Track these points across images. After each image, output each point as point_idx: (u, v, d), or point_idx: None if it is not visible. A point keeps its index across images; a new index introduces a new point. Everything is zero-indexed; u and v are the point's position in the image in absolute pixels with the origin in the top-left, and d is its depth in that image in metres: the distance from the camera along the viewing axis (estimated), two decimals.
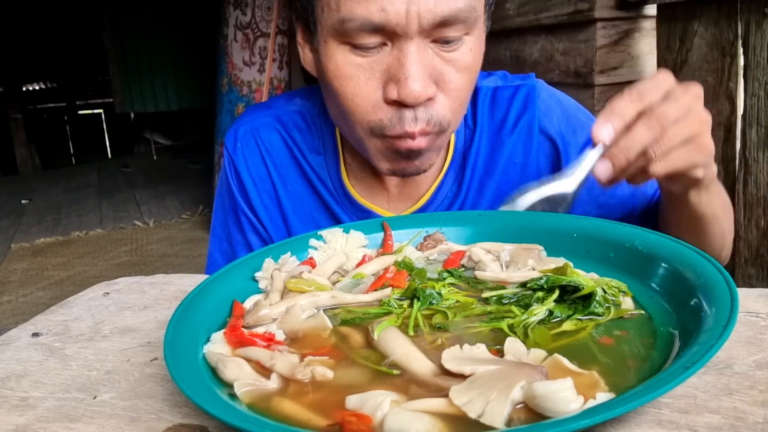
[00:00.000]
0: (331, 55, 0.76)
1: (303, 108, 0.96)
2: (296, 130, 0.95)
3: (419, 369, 0.50)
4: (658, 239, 0.64)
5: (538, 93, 0.94)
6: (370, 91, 0.76)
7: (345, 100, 0.78)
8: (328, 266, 0.70)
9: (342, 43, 0.75)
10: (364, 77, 0.76)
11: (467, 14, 0.73)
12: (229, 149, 0.96)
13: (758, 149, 1.58)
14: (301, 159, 0.94)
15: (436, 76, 0.75)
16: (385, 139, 0.78)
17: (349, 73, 0.76)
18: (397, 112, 0.76)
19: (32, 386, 0.58)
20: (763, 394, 0.46)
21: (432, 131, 0.77)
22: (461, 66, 0.76)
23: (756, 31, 1.53)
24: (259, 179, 0.95)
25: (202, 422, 0.49)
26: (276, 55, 3.85)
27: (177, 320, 0.57)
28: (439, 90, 0.76)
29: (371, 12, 0.70)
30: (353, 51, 0.75)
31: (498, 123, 0.94)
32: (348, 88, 0.77)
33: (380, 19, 0.71)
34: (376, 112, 0.77)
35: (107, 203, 5.52)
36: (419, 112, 0.75)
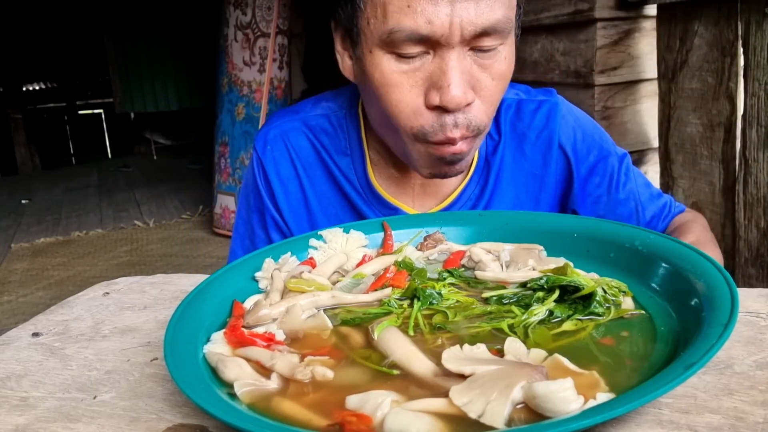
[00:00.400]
0: (376, 63, 0.80)
1: (329, 111, 1.00)
2: (323, 134, 0.98)
3: (419, 369, 0.50)
4: (658, 239, 0.64)
5: (559, 109, 0.99)
6: (413, 97, 0.79)
7: (390, 107, 0.81)
8: (328, 266, 0.70)
9: (387, 53, 0.79)
10: (408, 84, 0.79)
11: (504, 25, 0.77)
12: (258, 151, 0.99)
13: (758, 149, 1.58)
14: (328, 161, 0.98)
15: (473, 82, 0.79)
16: (428, 144, 0.82)
17: (394, 81, 0.79)
18: (438, 118, 0.79)
19: (32, 386, 0.58)
20: (763, 394, 0.46)
21: (470, 135, 0.81)
22: (496, 73, 0.80)
23: (756, 32, 1.53)
24: (287, 181, 0.99)
25: (202, 422, 0.49)
26: (276, 55, 3.84)
27: (177, 320, 0.57)
28: (476, 96, 0.80)
29: (418, 24, 0.74)
30: (398, 59, 0.78)
31: (520, 134, 0.98)
32: (393, 95, 0.80)
33: (427, 31, 0.74)
34: (418, 118, 0.80)
35: (107, 203, 5.51)
36: (459, 118, 0.79)
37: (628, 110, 2.06)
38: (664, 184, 1.91)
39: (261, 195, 0.99)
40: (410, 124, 0.81)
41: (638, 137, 2.09)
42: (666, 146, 1.87)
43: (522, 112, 0.98)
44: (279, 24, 3.81)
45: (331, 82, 4.79)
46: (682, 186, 1.84)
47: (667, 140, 1.86)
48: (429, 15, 0.74)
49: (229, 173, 4.01)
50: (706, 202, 1.77)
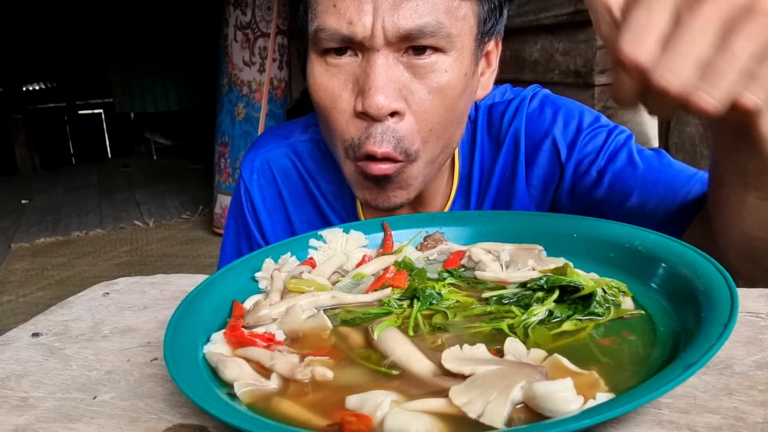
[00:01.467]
0: (311, 68, 0.79)
1: (318, 136, 0.97)
2: (311, 161, 0.97)
3: (419, 369, 0.50)
4: (658, 239, 0.64)
5: (528, 102, 0.93)
6: (343, 103, 0.77)
7: (324, 114, 0.79)
8: (328, 266, 0.70)
9: (319, 55, 0.78)
10: (338, 88, 0.77)
11: (434, 29, 0.73)
12: (245, 178, 0.98)
13: None
14: (315, 190, 0.96)
15: (406, 93, 0.75)
16: (356, 162, 0.79)
17: (324, 84, 0.78)
18: (366, 128, 0.76)
19: (32, 386, 0.58)
20: (763, 394, 0.46)
21: (398, 157, 0.77)
22: (433, 86, 0.75)
23: None
24: (273, 210, 0.98)
25: (202, 422, 0.49)
26: (276, 55, 3.85)
27: (177, 320, 0.57)
28: (408, 110, 0.76)
29: (340, 24, 0.73)
30: (326, 61, 0.77)
31: (494, 140, 0.94)
32: (326, 102, 0.78)
33: (348, 32, 0.73)
34: (350, 128, 0.78)
35: (107, 203, 5.52)
36: (386, 133, 0.75)
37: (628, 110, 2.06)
38: None
39: (248, 222, 0.98)
40: (344, 135, 0.78)
41: (638, 137, 2.09)
42: (666, 146, 1.87)
43: (493, 116, 0.95)
44: (279, 24, 3.81)
45: None
46: None
47: (667, 140, 1.86)
48: (351, 16, 0.72)
49: (229, 173, 4.01)
50: None
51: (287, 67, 3.96)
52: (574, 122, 0.91)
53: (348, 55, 0.76)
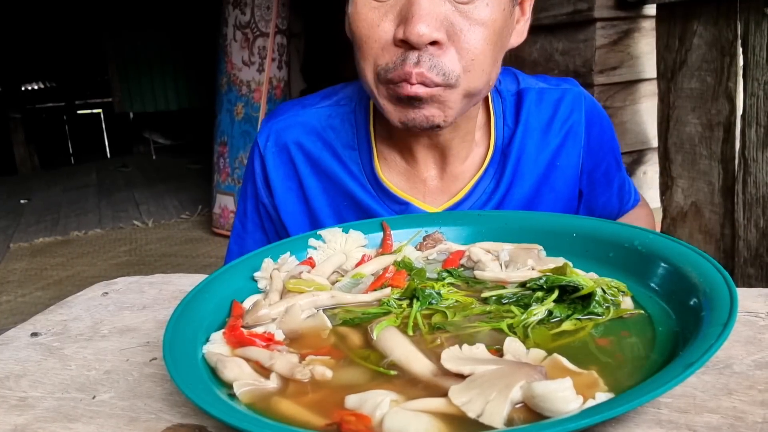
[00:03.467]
0: (353, 3, 0.80)
1: (337, 104, 0.98)
2: (330, 129, 0.97)
3: (418, 369, 0.50)
4: (657, 239, 0.64)
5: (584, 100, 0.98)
6: (381, 33, 0.78)
7: (359, 42, 0.80)
8: (328, 266, 0.70)
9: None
10: (378, 19, 0.78)
11: None
12: (260, 145, 0.99)
13: (757, 149, 1.58)
14: (333, 157, 0.96)
15: (447, 25, 0.77)
16: (388, 85, 0.80)
17: (364, 16, 0.79)
18: (403, 54, 0.77)
19: (31, 386, 0.58)
20: (762, 393, 0.46)
21: (435, 80, 0.77)
22: (475, 19, 0.77)
23: (755, 31, 1.53)
24: (286, 177, 0.98)
25: (201, 422, 0.49)
26: (275, 54, 3.84)
27: (176, 320, 0.57)
28: (450, 42, 0.77)
29: None
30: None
31: (543, 124, 0.96)
32: (363, 30, 0.79)
33: None
34: (384, 55, 0.79)
35: (106, 203, 5.51)
36: (423, 57, 0.76)
37: (627, 110, 2.06)
38: (664, 183, 1.91)
39: (257, 186, 0.99)
40: (377, 61, 0.79)
41: (637, 137, 2.10)
42: (665, 146, 1.87)
43: (545, 101, 0.96)
44: (278, 23, 3.81)
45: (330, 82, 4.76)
46: (681, 186, 1.84)
47: (667, 140, 1.86)
48: None
49: (228, 173, 4.01)
50: (705, 202, 1.77)
51: (286, 66, 3.96)
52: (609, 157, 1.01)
53: None
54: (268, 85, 3.86)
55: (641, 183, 2.16)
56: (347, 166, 0.95)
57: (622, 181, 1.05)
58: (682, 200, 1.84)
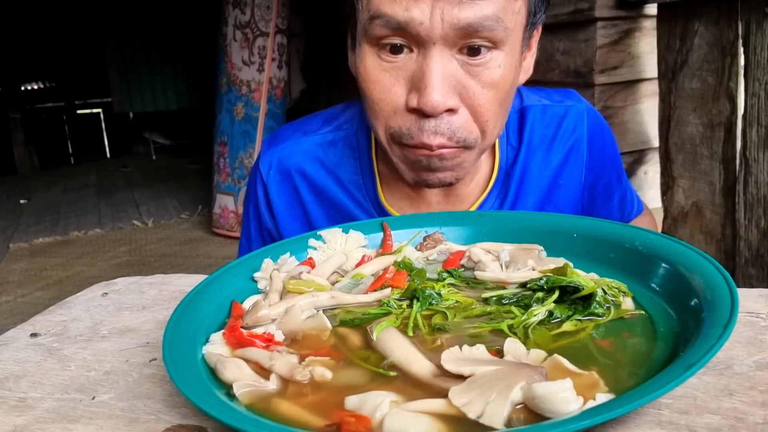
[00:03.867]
0: (363, 58, 0.79)
1: (339, 129, 0.97)
2: (332, 155, 0.96)
3: (418, 370, 0.50)
4: (658, 239, 0.64)
5: (588, 115, 0.97)
6: (394, 97, 0.77)
7: (371, 103, 0.80)
8: (328, 266, 0.70)
9: (372, 46, 0.77)
10: (389, 82, 0.77)
11: (493, 24, 0.73)
12: (262, 172, 0.97)
13: (758, 149, 1.58)
14: (336, 184, 0.95)
15: (459, 89, 0.76)
16: (403, 147, 0.80)
17: (375, 77, 0.78)
18: (417, 121, 0.76)
19: (31, 387, 0.58)
20: (763, 394, 0.46)
21: (454, 146, 0.78)
22: (486, 81, 0.76)
23: (756, 31, 1.53)
24: (290, 206, 0.97)
25: (200, 423, 0.49)
26: (275, 54, 3.84)
27: (176, 321, 0.57)
28: (462, 104, 0.77)
29: (396, 11, 0.73)
30: (381, 56, 0.77)
31: (547, 142, 0.95)
32: (374, 92, 0.79)
33: (404, 18, 0.72)
34: (397, 119, 0.78)
35: (106, 203, 5.51)
36: (440, 125, 0.76)
37: (628, 110, 2.06)
38: (665, 183, 1.91)
39: (261, 215, 0.98)
40: (389, 123, 0.79)
41: (638, 137, 2.09)
42: (666, 146, 1.87)
43: (548, 119, 0.95)
44: (278, 23, 3.81)
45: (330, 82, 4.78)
46: (682, 186, 1.84)
47: (668, 140, 1.86)
48: (408, 2, 0.72)
49: (228, 173, 4.01)
50: (706, 202, 1.77)
51: (286, 66, 3.96)
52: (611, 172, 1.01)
53: (404, 53, 0.76)
54: (268, 85, 3.86)
55: (642, 183, 2.16)
56: (351, 193, 0.95)
57: (623, 193, 1.04)
58: (683, 200, 1.84)
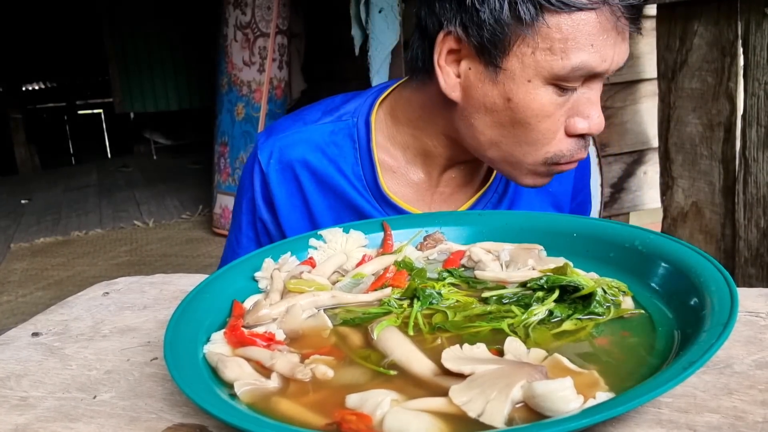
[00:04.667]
0: (535, 94, 0.79)
1: (339, 119, 0.98)
2: (332, 145, 0.97)
3: (419, 368, 0.50)
4: (658, 239, 0.64)
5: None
6: (557, 125, 0.82)
7: (536, 134, 0.81)
8: (328, 266, 0.70)
9: (550, 84, 0.79)
10: (560, 115, 0.81)
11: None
12: (261, 162, 0.97)
13: (758, 149, 1.58)
14: (335, 172, 0.96)
15: None
16: (552, 166, 0.84)
17: (550, 112, 0.80)
18: (577, 142, 0.83)
19: (32, 386, 0.58)
20: (762, 393, 0.46)
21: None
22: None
23: (756, 31, 1.53)
24: (290, 195, 0.97)
25: (202, 422, 0.49)
26: (276, 54, 3.84)
27: (177, 320, 0.57)
28: None
29: (597, 62, 0.77)
30: (559, 93, 0.80)
31: None
32: (545, 125, 0.81)
33: (602, 69, 0.78)
34: (558, 144, 0.83)
35: (107, 203, 5.51)
36: (588, 140, 0.85)
37: (627, 110, 2.06)
38: (664, 183, 1.91)
39: (257, 203, 0.98)
40: (548, 149, 0.83)
41: (638, 137, 2.10)
42: (666, 146, 1.87)
43: None
44: (278, 24, 3.81)
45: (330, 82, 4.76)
46: (681, 186, 1.84)
47: (667, 140, 1.86)
48: (604, 54, 0.77)
49: (229, 173, 4.01)
50: (705, 202, 1.77)
51: (287, 66, 3.95)
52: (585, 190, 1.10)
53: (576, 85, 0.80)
54: (268, 86, 3.85)
55: (641, 183, 2.16)
56: (351, 182, 0.96)
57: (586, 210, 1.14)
58: (683, 200, 1.84)
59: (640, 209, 2.19)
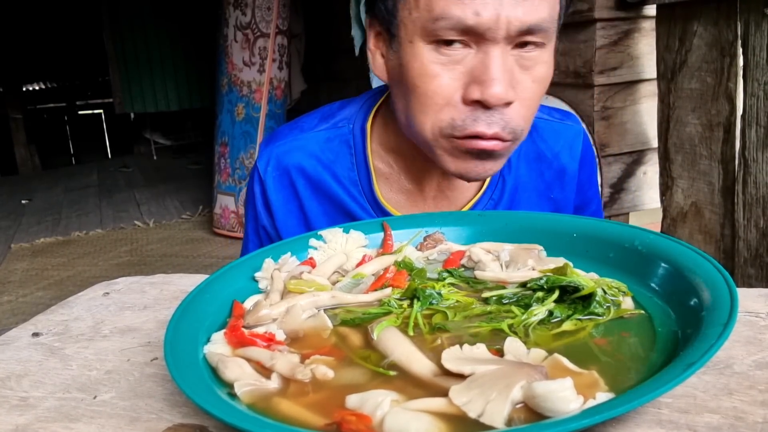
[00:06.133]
0: (417, 53, 0.79)
1: (336, 126, 0.98)
2: (329, 152, 0.97)
3: (419, 369, 0.50)
4: (658, 239, 0.64)
5: (584, 138, 1.00)
6: (450, 90, 0.78)
7: (424, 98, 0.80)
8: (328, 266, 0.70)
9: (429, 43, 0.78)
10: (447, 76, 0.78)
11: (549, 24, 0.78)
12: (260, 169, 0.99)
13: (757, 149, 1.58)
14: (333, 180, 0.97)
15: (514, 83, 0.78)
16: (452, 139, 0.81)
17: (434, 71, 0.78)
18: (472, 113, 0.78)
19: (32, 386, 0.58)
20: (762, 394, 0.46)
21: (506, 138, 0.80)
22: (536, 76, 0.80)
23: (755, 32, 1.53)
24: (287, 201, 0.98)
25: (202, 422, 0.49)
26: (276, 55, 3.84)
27: (177, 320, 0.57)
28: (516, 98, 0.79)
29: (466, 14, 0.74)
30: (439, 51, 0.78)
31: (540, 155, 0.98)
32: (430, 86, 0.79)
33: (473, 22, 0.74)
34: (450, 111, 0.79)
35: (107, 203, 5.51)
36: (495, 116, 0.78)
37: (627, 110, 2.06)
38: (664, 184, 1.91)
39: (258, 211, 1.00)
40: (440, 116, 0.80)
41: (637, 137, 2.10)
42: (665, 146, 1.87)
43: (544, 133, 0.98)
44: (279, 24, 3.81)
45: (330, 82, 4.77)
46: (681, 186, 1.84)
47: (667, 140, 1.86)
48: (477, 7, 0.74)
49: (229, 173, 4.01)
50: (705, 202, 1.77)
51: (287, 67, 3.96)
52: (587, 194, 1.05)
53: (460, 47, 0.77)
54: (268, 86, 3.86)
55: (641, 183, 2.16)
56: (347, 189, 0.96)
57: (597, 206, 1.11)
58: (682, 200, 1.84)
59: (639, 209, 2.19)
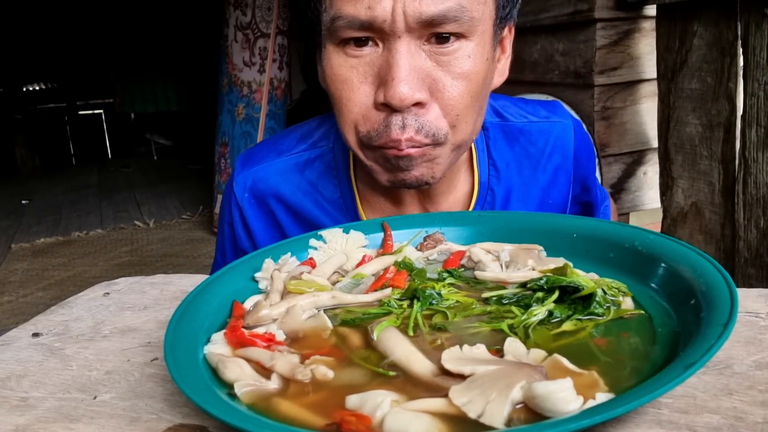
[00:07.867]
0: (328, 59, 0.77)
1: (314, 146, 0.94)
2: (309, 174, 0.93)
3: (419, 369, 0.50)
4: (657, 239, 0.64)
5: (574, 134, 0.95)
6: (362, 96, 0.75)
7: (340, 105, 0.78)
8: (328, 266, 0.70)
9: (337, 46, 0.76)
10: (357, 80, 0.75)
11: (457, 14, 0.71)
12: (237, 196, 0.94)
13: (758, 149, 1.58)
14: (315, 205, 0.93)
15: (429, 82, 0.74)
16: (374, 149, 0.77)
17: (343, 75, 0.76)
18: (385, 119, 0.74)
19: (32, 386, 0.58)
20: (762, 394, 0.46)
21: (423, 141, 0.75)
22: (457, 72, 0.74)
23: (755, 32, 1.53)
24: (268, 227, 0.95)
25: (202, 422, 0.49)
26: (276, 55, 3.85)
27: (177, 320, 0.57)
28: (433, 98, 0.74)
29: (358, 10, 0.71)
30: (346, 53, 0.75)
31: (535, 161, 0.93)
32: (344, 92, 0.76)
33: (367, 17, 0.71)
34: (366, 120, 0.76)
35: (107, 203, 5.51)
36: (408, 119, 0.73)
37: (627, 110, 2.06)
38: (664, 184, 1.91)
39: (237, 234, 0.96)
40: (358, 127, 0.77)
41: (638, 137, 2.10)
42: (665, 146, 1.87)
43: (533, 136, 0.93)
44: (279, 24, 3.81)
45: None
46: (681, 186, 1.84)
47: (667, 140, 1.86)
48: (370, 1, 0.70)
49: (229, 173, 4.01)
50: (705, 203, 1.77)
51: (287, 67, 3.96)
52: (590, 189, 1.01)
53: (369, 46, 0.74)
54: (269, 86, 3.86)
55: (641, 183, 2.16)
56: (330, 214, 0.92)
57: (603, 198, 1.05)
58: (683, 201, 1.84)
59: (639, 209, 2.19)
